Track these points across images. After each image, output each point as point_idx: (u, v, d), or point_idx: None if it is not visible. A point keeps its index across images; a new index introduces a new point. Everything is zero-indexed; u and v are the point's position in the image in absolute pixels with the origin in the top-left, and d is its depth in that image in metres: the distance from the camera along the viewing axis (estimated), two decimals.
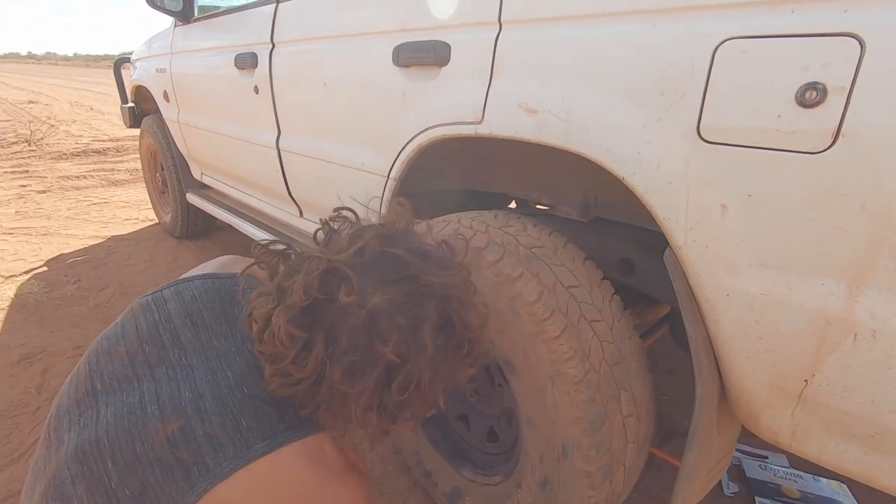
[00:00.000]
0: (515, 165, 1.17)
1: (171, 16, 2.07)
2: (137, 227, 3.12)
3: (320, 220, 0.68)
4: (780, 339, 0.66)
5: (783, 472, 1.27)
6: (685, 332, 0.74)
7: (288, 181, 1.62)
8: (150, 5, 1.93)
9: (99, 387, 0.62)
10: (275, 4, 1.47)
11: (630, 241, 1.09)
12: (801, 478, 1.25)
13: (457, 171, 1.28)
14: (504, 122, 0.89)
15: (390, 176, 1.17)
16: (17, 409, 1.50)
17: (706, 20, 0.65)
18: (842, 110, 0.55)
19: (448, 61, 0.98)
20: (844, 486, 1.22)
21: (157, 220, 3.12)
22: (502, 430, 1.07)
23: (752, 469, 1.27)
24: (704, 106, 0.65)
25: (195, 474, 0.54)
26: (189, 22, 2.04)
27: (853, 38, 0.54)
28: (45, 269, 2.48)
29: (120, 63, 2.98)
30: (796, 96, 0.58)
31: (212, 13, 1.92)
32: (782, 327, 0.65)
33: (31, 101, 10.98)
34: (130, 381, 0.61)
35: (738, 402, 0.75)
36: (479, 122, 0.93)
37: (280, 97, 1.50)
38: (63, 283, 2.31)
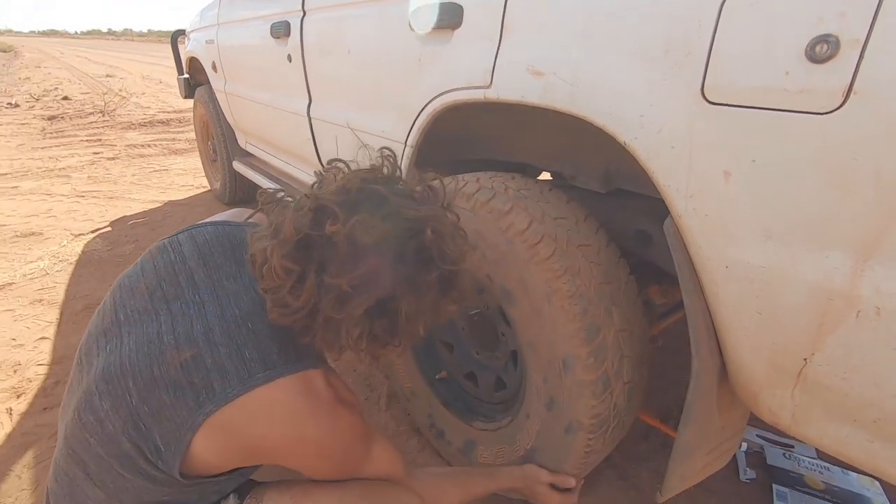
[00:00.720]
0: (535, 134, 1.14)
1: None
2: (192, 194, 3.31)
3: (314, 171, 0.71)
4: (779, 315, 0.62)
5: (809, 462, 1.20)
6: None
7: (318, 149, 1.66)
8: None
9: (122, 318, 0.69)
10: None
11: (648, 212, 1.05)
12: (829, 470, 1.18)
13: (479, 141, 1.27)
14: (511, 86, 0.87)
15: (407, 143, 1.18)
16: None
17: None
18: (855, 65, 0.50)
19: (461, 24, 0.96)
20: (876, 482, 1.15)
21: (209, 187, 3.30)
22: (508, 376, 1.10)
23: (775, 457, 1.21)
24: (710, 64, 0.61)
25: (203, 396, 0.60)
26: None
27: None
28: (108, 229, 2.70)
29: (177, 35, 3.12)
30: (806, 51, 0.53)
31: None
32: (783, 302, 0.61)
33: (108, 76, 11.74)
34: (150, 314, 0.68)
35: (737, 380, 0.72)
36: (488, 87, 0.91)
37: (310, 65, 1.53)
38: (123, 242, 2.51)
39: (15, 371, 1.58)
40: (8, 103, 7.33)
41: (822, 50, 0.52)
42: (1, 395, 1.48)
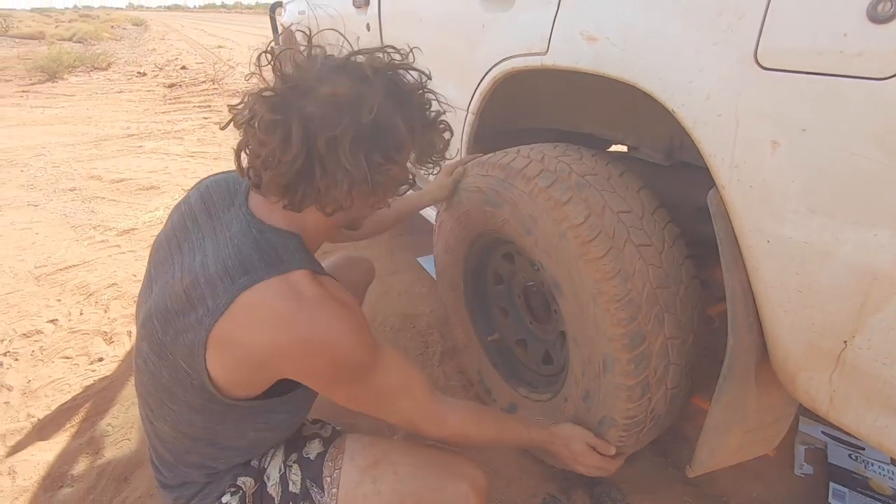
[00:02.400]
0: (596, 103, 1.12)
1: None
2: None
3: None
4: (820, 294, 0.59)
5: (879, 466, 1.12)
6: None
7: None
8: None
9: (153, 272, 0.77)
10: None
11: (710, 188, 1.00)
12: None
13: (541, 110, 1.27)
14: (566, 52, 0.87)
15: (469, 110, 1.21)
16: None
17: None
18: None
19: None
20: None
21: None
22: (556, 353, 1.12)
23: (838, 456, 1.14)
24: (764, 26, 0.58)
25: (202, 312, 0.64)
26: None
27: None
28: None
29: (275, 7, 3.33)
30: (867, 10, 0.49)
31: None
32: (824, 280, 0.58)
33: (219, 46, 12.72)
34: (168, 261, 0.74)
35: (775, 360, 0.70)
36: (545, 53, 0.92)
37: (386, 33, 1.59)
38: None
39: (134, 301, 1.86)
40: (137, 72, 8.26)
41: (885, 8, 0.48)
42: (123, 319, 1.76)
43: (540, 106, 1.27)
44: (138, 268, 2.11)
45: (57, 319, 1.78)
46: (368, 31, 1.69)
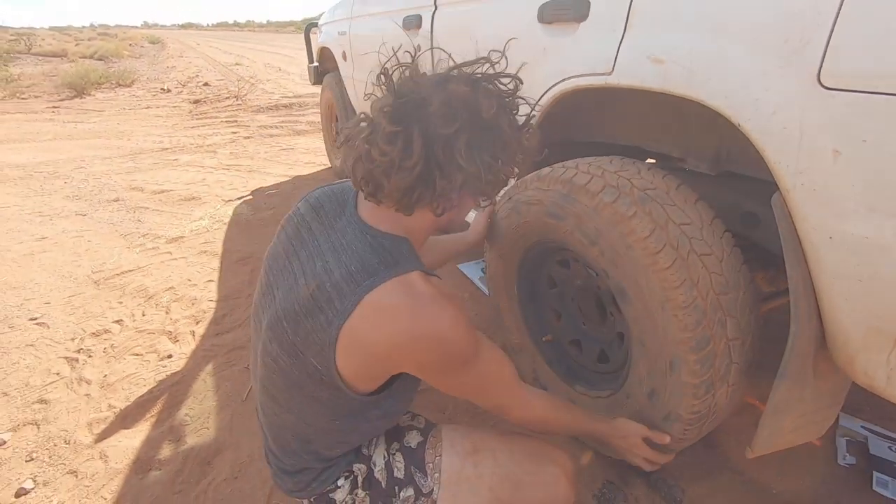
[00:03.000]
0: (647, 119, 1.22)
1: None
2: (315, 170, 3.71)
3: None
4: (880, 283, 0.68)
5: None
6: None
7: None
8: None
9: (272, 280, 0.83)
10: None
11: (755, 194, 1.09)
12: None
13: (592, 125, 1.37)
14: (632, 73, 0.97)
15: None
16: (236, 294, 2.04)
17: None
18: None
19: (587, 17, 1.08)
20: None
21: (328, 165, 3.67)
22: (612, 352, 1.20)
23: (879, 448, 1.21)
24: (827, 52, 0.68)
25: (331, 314, 0.71)
26: None
27: None
28: (250, 197, 3.15)
29: (309, 28, 3.49)
30: None
31: None
32: (883, 270, 0.67)
33: (236, 63, 13.08)
34: (287, 269, 0.81)
35: (834, 344, 0.78)
36: (610, 74, 1.02)
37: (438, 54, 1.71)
38: (263, 208, 2.92)
39: (193, 304, 1.97)
40: (161, 89, 8.52)
41: None
42: (185, 320, 1.87)
43: (590, 121, 1.37)
44: (191, 273, 2.22)
45: (122, 320, 1.89)
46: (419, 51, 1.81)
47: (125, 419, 1.42)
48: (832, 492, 1.12)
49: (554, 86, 1.18)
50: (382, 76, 0.77)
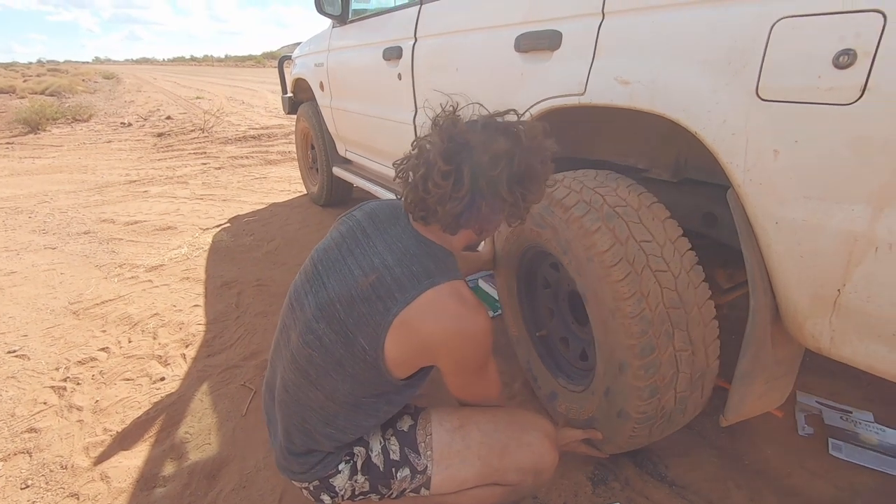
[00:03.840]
0: (615, 135, 1.38)
1: (332, 19, 2.53)
2: (290, 197, 3.76)
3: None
4: (818, 256, 0.82)
5: (866, 425, 1.34)
6: None
7: None
8: (317, 10, 2.39)
9: (321, 269, 0.94)
10: (419, 6, 1.82)
11: (712, 197, 1.25)
12: (884, 431, 1.31)
13: (565, 142, 1.52)
14: (602, 92, 1.12)
15: None
16: (224, 317, 2.05)
17: (766, 4, 0.83)
18: (868, 70, 0.71)
19: (559, 46, 1.23)
20: None
21: (304, 192, 3.73)
22: (591, 352, 1.31)
23: (832, 418, 1.36)
24: (762, 71, 0.83)
25: (390, 303, 0.83)
26: (345, 24, 2.49)
27: (878, 12, 0.70)
28: (228, 224, 3.16)
29: (283, 60, 3.60)
30: (833, 60, 0.74)
31: (364, 16, 2.33)
32: (820, 245, 0.81)
33: (198, 97, 12.99)
34: (340, 261, 0.92)
35: (786, 314, 0.92)
36: (583, 94, 1.16)
37: (419, 81, 1.85)
38: (242, 235, 2.95)
39: (180, 328, 1.98)
40: (121, 123, 8.38)
41: (844, 60, 0.73)
42: (174, 344, 1.87)
43: (566, 139, 1.51)
44: (176, 299, 2.22)
45: (108, 347, 1.87)
46: (400, 80, 1.95)
47: (123, 441, 1.41)
48: (796, 458, 1.25)
49: (532, 106, 1.32)
50: (436, 123, 0.92)
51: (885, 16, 0.69)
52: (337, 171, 2.97)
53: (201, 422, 1.47)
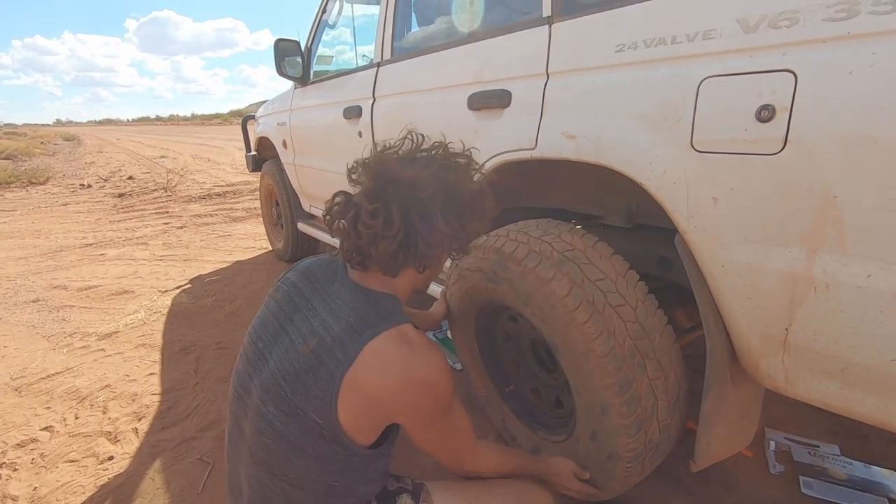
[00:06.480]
0: (568, 185, 1.43)
1: (293, 80, 2.60)
2: (255, 254, 3.69)
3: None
4: (763, 297, 0.85)
5: (833, 458, 1.35)
6: None
7: None
8: (279, 73, 2.46)
9: (262, 346, 0.88)
10: (376, 68, 1.89)
11: (665, 241, 1.29)
12: (851, 464, 1.32)
13: (520, 193, 1.56)
14: (551, 147, 1.16)
15: None
16: (181, 385, 1.95)
17: (692, 65, 0.89)
18: (787, 123, 0.77)
19: (509, 104, 1.29)
20: None
21: (270, 248, 3.68)
22: (565, 398, 1.29)
23: (800, 454, 1.36)
24: (695, 125, 0.89)
25: (333, 366, 0.76)
26: (306, 85, 2.55)
27: (790, 72, 0.76)
28: (189, 286, 3.06)
29: (246, 120, 3.64)
30: (756, 114, 0.80)
31: (324, 77, 2.40)
32: (763, 286, 0.84)
33: (162, 156, 12.90)
34: (280, 332, 0.86)
35: (742, 355, 0.94)
36: (533, 148, 1.21)
37: (379, 138, 1.89)
38: (204, 296, 2.85)
39: (133, 400, 1.86)
40: (80, 184, 8.19)
41: (765, 114, 0.79)
42: (126, 418, 1.75)
43: (522, 190, 1.56)
44: (129, 368, 2.10)
45: (52, 426, 1.74)
46: (360, 137, 1.99)
47: None
48: (770, 498, 1.24)
49: (487, 161, 1.36)
50: (353, 170, 0.90)
51: (795, 75, 0.76)
52: (302, 226, 2.96)
53: None
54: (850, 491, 1.23)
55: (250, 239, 4.15)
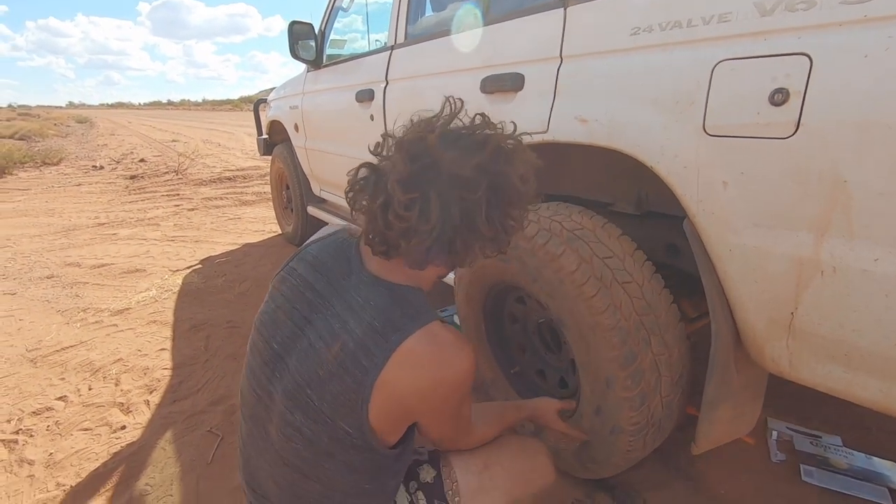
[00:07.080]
0: (579, 171, 1.43)
1: (306, 63, 2.60)
2: (264, 238, 3.73)
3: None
4: (769, 281, 0.86)
5: (835, 449, 1.36)
6: None
7: None
8: (292, 55, 2.46)
9: (277, 347, 0.80)
10: (389, 51, 1.89)
11: (674, 229, 1.30)
12: (853, 455, 1.33)
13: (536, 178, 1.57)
14: (563, 130, 1.17)
15: None
16: (192, 361, 1.99)
17: (706, 48, 0.89)
18: (800, 107, 0.77)
19: (522, 87, 1.29)
20: None
21: (279, 232, 3.71)
22: (569, 378, 1.31)
23: (802, 444, 1.37)
24: (707, 109, 0.89)
25: (359, 374, 0.71)
26: (319, 68, 2.56)
27: (805, 55, 0.76)
28: (199, 266, 3.10)
29: (259, 104, 3.66)
30: (769, 98, 0.80)
31: (337, 61, 2.41)
32: (770, 270, 0.85)
33: (173, 140, 12.97)
34: (297, 334, 0.78)
35: (746, 339, 0.95)
36: (546, 132, 1.22)
37: (390, 122, 1.90)
38: (214, 276, 2.89)
39: (145, 373, 1.90)
40: (93, 166, 8.27)
41: (779, 98, 0.79)
42: (138, 390, 1.80)
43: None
44: (141, 343, 2.14)
45: (66, 396, 1.78)
46: (372, 120, 2.00)
47: (77, 496, 1.33)
48: (770, 486, 1.26)
49: None
50: (381, 146, 0.77)
51: (810, 58, 0.76)
52: (312, 210, 2.98)
53: (163, 472, 1.40)
54: (851, 480, 1.24)
55: (260, 223, 4.19)
